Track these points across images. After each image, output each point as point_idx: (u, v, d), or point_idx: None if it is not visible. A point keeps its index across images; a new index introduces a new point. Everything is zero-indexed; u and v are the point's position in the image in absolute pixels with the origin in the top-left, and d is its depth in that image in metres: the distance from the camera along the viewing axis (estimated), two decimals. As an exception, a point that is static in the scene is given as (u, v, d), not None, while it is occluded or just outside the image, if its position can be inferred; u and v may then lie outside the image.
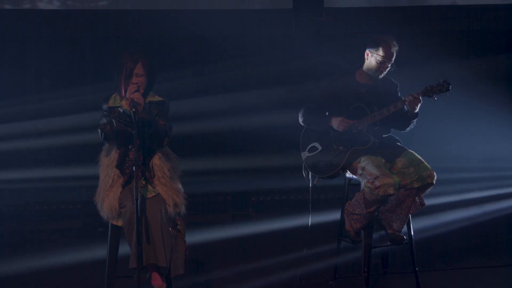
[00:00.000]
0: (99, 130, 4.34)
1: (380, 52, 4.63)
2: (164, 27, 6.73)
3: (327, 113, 4.74)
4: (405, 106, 4.63)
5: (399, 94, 4.80)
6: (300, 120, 4.82)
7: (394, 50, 4.64)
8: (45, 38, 6.70)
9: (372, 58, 4.67)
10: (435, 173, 4.55)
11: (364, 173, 4.54)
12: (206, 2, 6.77)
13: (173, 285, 4.31)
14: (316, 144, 4.77)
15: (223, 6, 6.79)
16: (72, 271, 5.36)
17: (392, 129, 4.82)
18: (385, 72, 4.68)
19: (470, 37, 7.14)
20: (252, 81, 6.79)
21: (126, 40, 6.69)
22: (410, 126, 4.75)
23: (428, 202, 4.69)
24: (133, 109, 4.18)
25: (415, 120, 4.70)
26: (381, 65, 4.64)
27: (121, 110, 4.29)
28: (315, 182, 4.80)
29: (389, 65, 4.65)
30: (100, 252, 4.93)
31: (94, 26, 6.73)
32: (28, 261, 5.70)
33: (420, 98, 4.56)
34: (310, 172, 4.80)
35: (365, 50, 4.71)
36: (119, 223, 4.31)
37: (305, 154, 4.80)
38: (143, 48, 6.45)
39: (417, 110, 4.62)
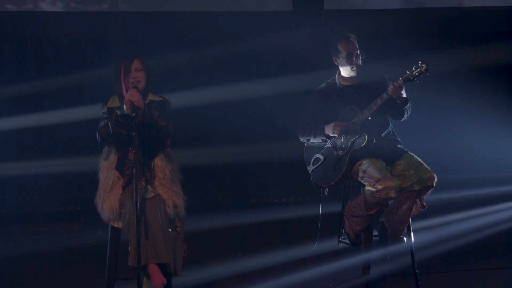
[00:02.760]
0: (97, 133, 4.35)
1: (343, 51, 4.70)
2: (165, 29, 6.74)
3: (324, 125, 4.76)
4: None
5: (389, 83, 4.78)
6: (300, 137, 4.88)
7: (352, 39, 4.71)
8: (48, 40, 6.71)
9: (340, 60, 4.73)
10: (435, 175, 4.54)
11: (366, 176, 4.54)
12: (207, 4, 6.78)
13: (172, 286, 4.31)
14: (318, 155, 4.79)
15: (223, 8, 6.79)
16: (72, 272, 5.36)
17: (391, 125, 4.81)
18: (359, 63, 4.71)
19: (470, 39, 7.14)
20: (252, 83, 6.79)
21: (127, 41, 6.70)
22: (405, 113, 4.73)
23: (429, 204, 4.69)
24: (133, 114, 4.19)
25: (407, 105, 4.68)
26: (349, 60, 4.69)
27: (119, 113, 4.29)
28: (326, 193, 4.81)
29: (357, 55, 4.69)
30: (100, 253, 4.93)
31: (97, 27, 6.74)
32: (28, 262, 5.70)
33: (402, 85, 4.55)
34: (320, 185, 4.80)
35: (331, 59, 4.78)
36: (119, 225, 4.32)
37: (310, 168, 4.81)
38: (144, 49, 6.45)
39: (404, 95, 4.61)
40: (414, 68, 4.55)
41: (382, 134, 4.74)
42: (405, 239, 4.69)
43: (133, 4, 6.79)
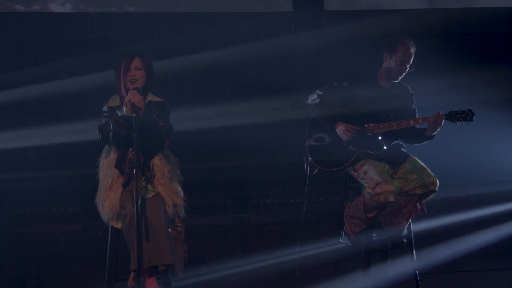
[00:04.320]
0: (97, 131, 4.35)
1: (399, 54, 4.56)
2: (166, 30, 6.73)
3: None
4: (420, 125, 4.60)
5: (414, 105, 4.75)
6: (310, 102, 4.71)
7: (412, 50, 4.58)
8: (56, 41, 6.70)
9: (391, 60, 4.60)
10: (437, 181, 4.53)
11: (366, 177, 4.53)
12: (206, 5, 6.77)
13: (172, 286, 4.31)
14: (325, 136, 4.69)
15: (223, 9, 6.79)
16: (72, 273, 5.36)
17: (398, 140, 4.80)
18: (404, 73, 4.62)
19: (469, 41, 7.13)
20: (251, 84, 6.79)
21: (129, 43, 6.69)
22: (419, 144, 4.72)
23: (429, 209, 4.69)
24: (134, 115, 4.18)
25: (429, 141, 4.67)
26: (400, 66, 4.58)
27: (120, 114, 4.29)
28: (314, 173, 4.74)
29: (408, 66, 4.60)
30: (100, 254, 4.93)
31: (102, 29, 6.74)
32: (29, 263, 5.70)
33: (442, 121, 4.53)
34: (310, 162, 4.74)
35: (383, 53, 4.66)
36: (119, 225, 4.31)
37: (310, 142, 4.71)
38: (145, 50, 6.44)
39: (435, 132, 4.59)
40: (460, 112, 4.51)
41: (391, 144, 4.73)
42: (404, 240, 4.69)
43: (138, 6, 6.79)
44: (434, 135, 4.62)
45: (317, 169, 4.70)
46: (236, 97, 6.74)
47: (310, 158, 4.71)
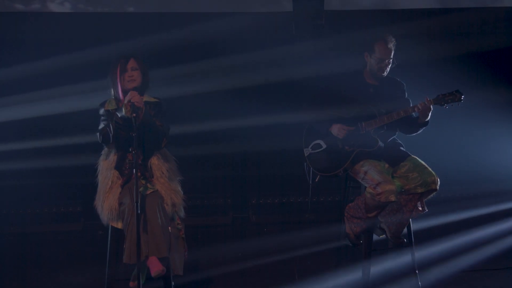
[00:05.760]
0: (98, 135, 4.38)
1: (377, 52, 4.63)
2: (166, 30, 6.73)
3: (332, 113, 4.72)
4: (414, 113, 4.62)
5: (406, 95, 4.79)
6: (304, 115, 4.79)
7: (391, 45, 4.63)
8: (56, 41, 6.70)
9: (371, 59, 4.67)
10: (438, 179, 4.54)
11: (366, 178, 4.53)
12: (206, 5, 6.78)
13: (172, 285, 4.31)
14: (321, 142, 4.74)
15: (223, 9, 6.79)
16: (72, 273, 5.36)
17: (396, 133, 4.81)
18: (387, 70, 4.67)
19: (469, 41, 7.12)
20: (251, 84, 6.78)
21: (128, 42, 6.69)
22: (417, 132, 4.74)
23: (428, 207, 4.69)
24: (134, 115, 4.20)
25: (424, 127, 4.69)
26: (380, 64, 4.63)
27: (119, 115, 4.30)
28: (316, 180, 4.78)
29: (389, 62, 4.65)
30: (100, 254, 4.93)
31: (100, 28, 6.74)
32: (29, 263, 5.70)
33: (431, 106, 4.55)
34: (311, 170, 4.77)
35: (364, 53, 4.71)
36: (119, 225, 4.32)
37: (308, 151, 4.76)
38: (145, 50, 6.45)
39: (428, 118, 4.61)
40: (447, 94, 4.54)
41: (389, 140, 4.74)
42: (405, 240, 4.69)
43: (138, 6, 6.80)
44: (428, 121, 4.64)
45: (318, 176, 4.73)
46: (236, 97, 6.73)
47: (310, 166, 4.75)
